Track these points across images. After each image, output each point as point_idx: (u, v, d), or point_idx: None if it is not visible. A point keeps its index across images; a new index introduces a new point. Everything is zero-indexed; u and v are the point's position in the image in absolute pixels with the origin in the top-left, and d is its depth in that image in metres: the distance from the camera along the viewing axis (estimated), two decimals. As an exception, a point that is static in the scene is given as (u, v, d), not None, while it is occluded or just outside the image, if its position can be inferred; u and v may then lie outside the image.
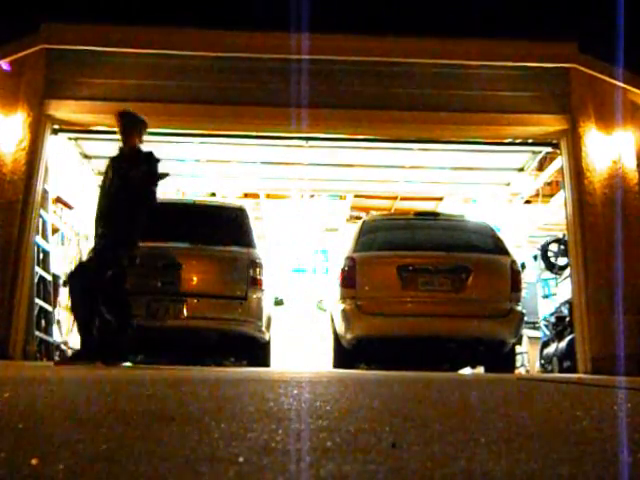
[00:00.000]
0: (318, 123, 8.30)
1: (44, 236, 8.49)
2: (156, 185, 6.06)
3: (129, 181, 5.92)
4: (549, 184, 11.54)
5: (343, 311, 7.20)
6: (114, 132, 8.77)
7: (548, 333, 10.44)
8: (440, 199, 12.60)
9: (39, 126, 7.94)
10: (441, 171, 10.48)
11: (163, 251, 7.09)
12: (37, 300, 8.11)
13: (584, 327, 7.80)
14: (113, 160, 6.25)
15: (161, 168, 6.13)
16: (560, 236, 10.68)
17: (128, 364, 6.32)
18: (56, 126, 8.37)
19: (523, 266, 8.63)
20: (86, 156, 9.95)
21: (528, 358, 11.67)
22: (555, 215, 10.95)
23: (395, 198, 12.57)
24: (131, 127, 6.16)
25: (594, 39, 8.80)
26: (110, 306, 5.91)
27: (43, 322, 8.34)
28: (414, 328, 7.03)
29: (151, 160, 6.05)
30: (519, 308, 7.32)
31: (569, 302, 9.00)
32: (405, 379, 4.67)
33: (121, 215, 5.90)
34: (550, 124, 8.44)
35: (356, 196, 12.69)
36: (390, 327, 7.10)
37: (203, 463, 1.40)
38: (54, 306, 8.79)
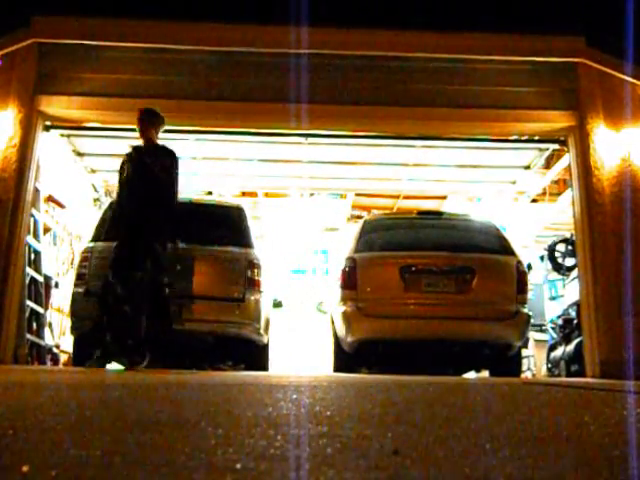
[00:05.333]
0: (318, 119, 8.18)
1: (35, 236, 8.45)
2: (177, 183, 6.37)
3: (151, 173, 6.26)
4: (556, 182, 11.50)
5: (344, 313, 7.08)
6: (107, 129, 8.75)
7: (555, 336, 10.40)
8: (444, 198, 12.59)
9: (30, 122, 7.84)
10: (445, 169, 10.40)
11: None
12: (28, 302, 8.06)
13: (592, 330, 7.69)
14: (130, 155, 6.49)
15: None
16: (568, 236, 10.59)
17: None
18: (48, 122, 8.27)
19: (529, 267, 8.56)
20: (79, 153, 9.87)
21: (535, 362, 11.65)
22: (562, 214, 10.92)
23: (397, 197, 12.51)
24: (150, 123, 6.45)
25: (602, 33, 8.69)
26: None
27: (34, 325, 8.25)
28: (417, 331, 6.95)
29: (173, 156, 6.39)
30: (525, 310, 7.21)
31: (577, 304, 8.92)
32: (407, 383, 4.63)
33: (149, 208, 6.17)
34: (557, 120, 8.33)
35: (357, 195, 12.68)
36: (392, 330, 6.99)
37: (199, 470, 1.39)
38: (46, 308, 8.70)
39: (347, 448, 1.66)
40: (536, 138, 9.03)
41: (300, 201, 12.62)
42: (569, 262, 10.45)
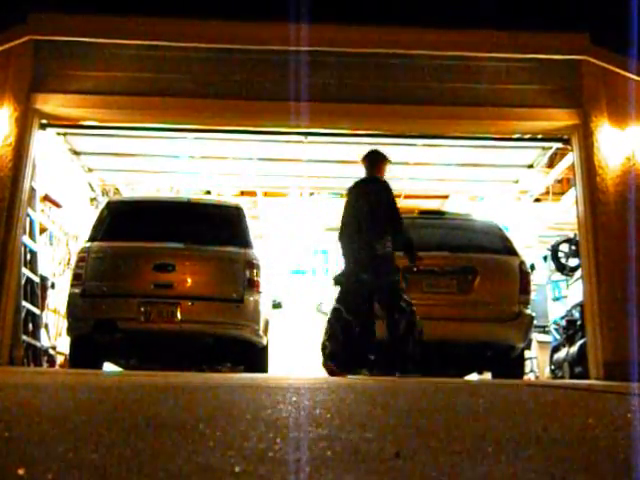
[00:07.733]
0: (318, 118, 8.11)
1: (31, 236, 8.41)
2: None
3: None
4: (560, 181, 11.48)
5: (344, 314, 6.94)
6: (104, 127, 8.67)
7: (558, 337, 10.36)
8: (446, 197, 12.55)
9: (26, 120, 7.78)
10: (447, 168, 10.35)
11: (156, 251, 6.98)
12: (24, 303, 8.02)
13: (596, 331, 7.64)
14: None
15: None
16: (571, 236, 10.50)
17: None
18: (44, 121, 8.20)
19: (532, 267, 8.49)
20: (75, 152, 9.79)
21: (538, 363, 11.62)
22: (566, 214, 10.92)
23: (399, 196, 12.33)
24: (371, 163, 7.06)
25: (607, 30, 8.60)
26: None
27: (30, 326, 8.19)
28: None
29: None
30: (528, 311, 7.23)
31: (580, 305, 8.86)
32: (409, 385, 4.63)
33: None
34: (561, 119, 8.25)
35: (358, 194, 12.44)
36: (393, 331, 6.85)
37: (197, 473, 1.38)
38: (42, 309, 8.65)
39: (348, 451, 1.64)
40: (539, 137, 8.95)
41: (300, 200, 12.54)
42: (573, 262, 10.35)
